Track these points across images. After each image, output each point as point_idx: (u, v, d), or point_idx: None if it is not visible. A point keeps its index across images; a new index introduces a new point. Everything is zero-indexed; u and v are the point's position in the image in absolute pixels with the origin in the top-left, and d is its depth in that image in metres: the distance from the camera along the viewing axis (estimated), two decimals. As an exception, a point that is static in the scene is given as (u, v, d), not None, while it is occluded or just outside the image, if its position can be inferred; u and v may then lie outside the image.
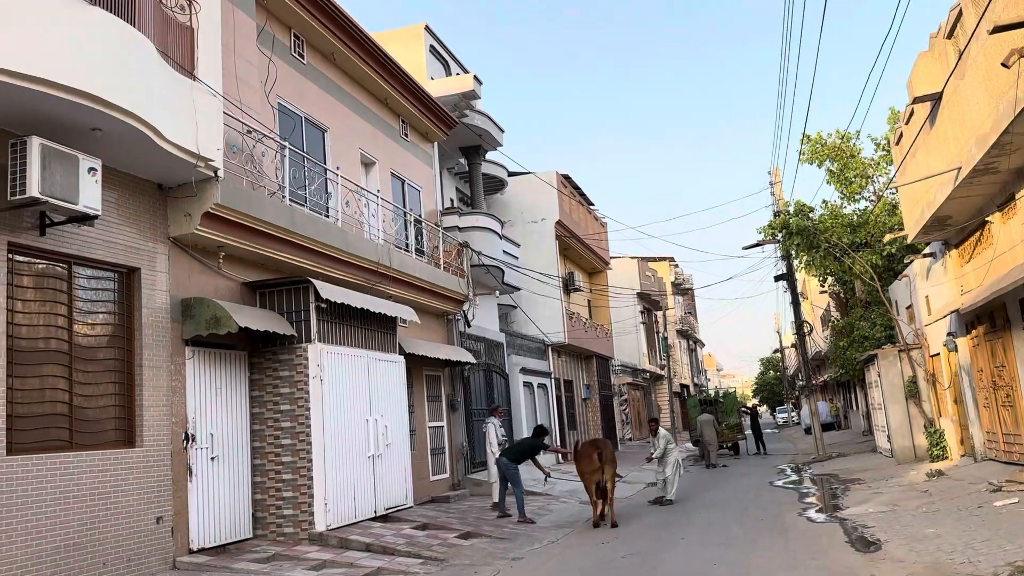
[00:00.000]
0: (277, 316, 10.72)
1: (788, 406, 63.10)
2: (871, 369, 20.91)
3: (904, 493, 13.01)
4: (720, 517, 12.49)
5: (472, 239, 18.63)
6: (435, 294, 16.27)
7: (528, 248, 26.29)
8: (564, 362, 28.77)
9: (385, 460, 12.11)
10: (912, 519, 10.32)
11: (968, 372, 14.55)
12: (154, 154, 8.68)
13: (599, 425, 31.61)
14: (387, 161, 15.98)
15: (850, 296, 24.17)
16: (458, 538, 11.17)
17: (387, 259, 13.71)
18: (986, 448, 14.19)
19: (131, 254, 9.05)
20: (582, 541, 11.18)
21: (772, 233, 21.94)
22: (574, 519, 13.55)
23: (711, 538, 10.53)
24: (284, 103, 12.53)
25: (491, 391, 19.82)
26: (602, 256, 34.04)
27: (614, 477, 12.38)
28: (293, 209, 11.30)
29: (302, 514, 10.39)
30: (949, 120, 11.50)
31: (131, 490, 8.62)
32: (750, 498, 14.92)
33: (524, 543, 11.07)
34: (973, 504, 10.55)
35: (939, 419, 17.55)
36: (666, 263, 60.09)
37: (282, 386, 10.69)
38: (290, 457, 10.52)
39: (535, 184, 26.52)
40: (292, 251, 11.26)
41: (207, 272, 10.18)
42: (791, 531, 10.57)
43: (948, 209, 12.70)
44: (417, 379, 16.01)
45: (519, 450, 13.74)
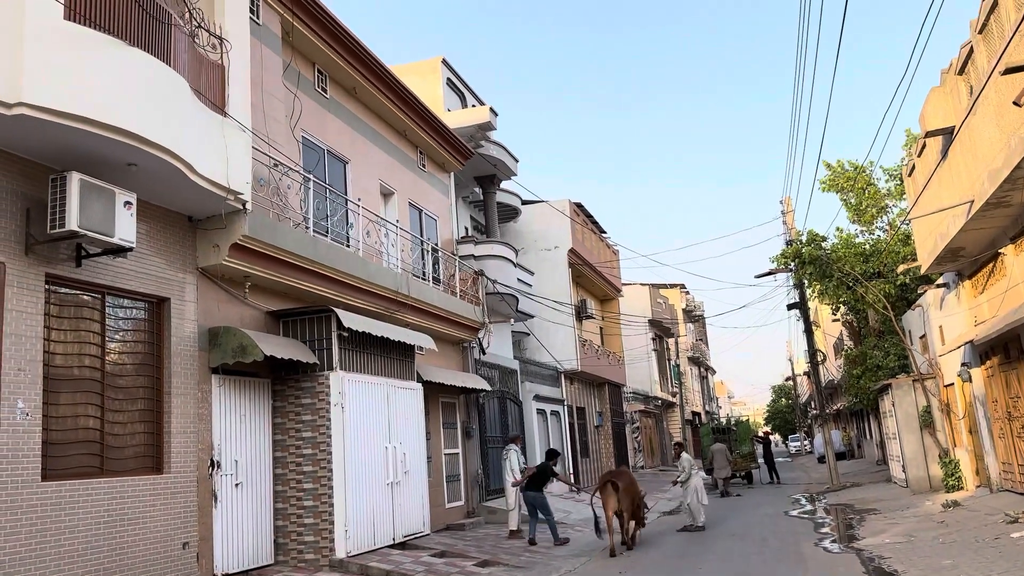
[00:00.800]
0: (300, 344, 10.93)
1: (800, 435, 62.70)
2: (885, 398, 20.92)
3: (920, 523, 13.02)
4: (738, 547, 12.52)
5: (487, 267, 18.86)
6: (451, 322, 16.46)
7: (541, 276, 26.49)
8: (577, 389, 28.84)
9: (403, 487, 12.24)
10: (929, 550, 10.35)
11: (983, 402, 14.59)
12: (186, 188, 8.94)
13: (611, 453, 31.58)
14: (405, 191, 16.27)
15: (863, 325, 24.23)
16: (476, 566, 11.25)
17: (406, 288, 13.93)
18: (1002, 479, 14.19)
19: (161, 284, 9.29)
20: (599, 570, 11.24)
21: (785, 262, 22.09)
22: (591, 548, 13.58)
23: (729, 568, 10.58)
24: (308, 136, 12.84)
25: (505, 418, 19.93)
26: (614, 283, 34.22)
27: (632, 507, 12.66)
28: (316, 240, 11.55)
29: (322, 540, 10.51)
30: (961, 154, 11.68)
31: (158, 516, 8.78)
32: (767, 528, 14.93)
33: (542, 572, 11.15)
34: (990, 535, 10.58)
35: (954, 449, 17.54)
36: (677, 290, 60.16)
37: (304, 413, 10.86)
38: (311, 484, 10.67)
39: (548, 212, 26.80)
40: (315, 280, 11.49)
41: (233, 302, 10.41)
42: (809, 562, 10.61)
43: (961, 241, 12.84)
44: (433, 406, 16.15)
45: (539, 477, 14.03)
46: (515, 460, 15.28)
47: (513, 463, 15.20)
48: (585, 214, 30.61)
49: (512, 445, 15.77)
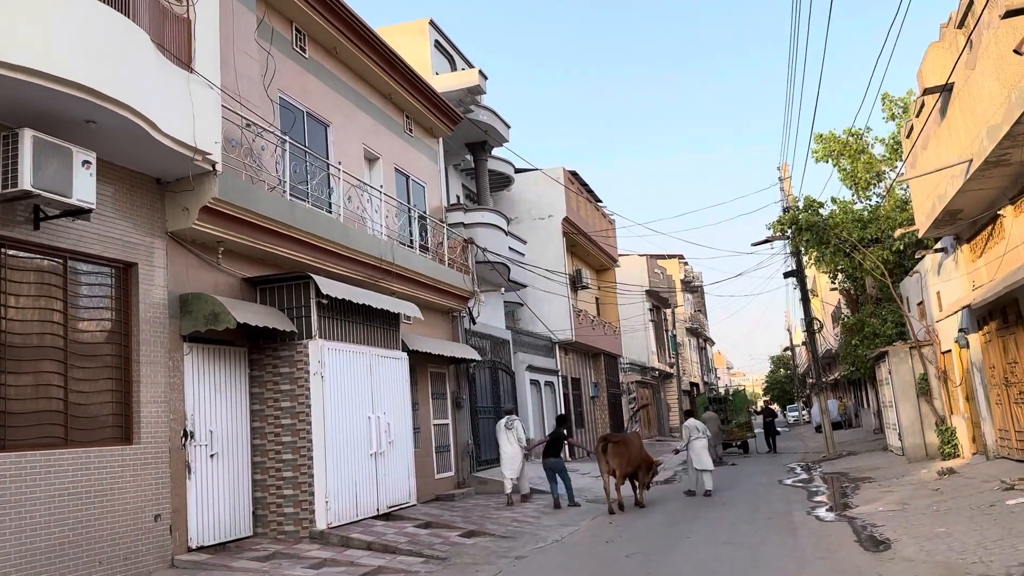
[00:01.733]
0: (277, 312, 10.61)
1: (798, 404, 62.70)
2: (882, 366, 20.67)
3: (915, 491, 12.80)
4: (729, 515, 12.31)
5: (477, 235, 18.50)
6: (440, 291, 16.14)
7: (535, 245, 26.13)
8: (572, 360, 28.61)
9: (388, 458, 11.99)
10: (923, 518, 10.12)
11: (980, 369, 14.32)
12: (150, 147, 8.57)
13: (607, 423, 31.43)
14: (391, 157, 15.85)
15: (860, 293, 23.91)
16: (461, 536, 11.04)
17: (390, 255, 13.59)
18: (998, 446, 13.95)
19: (128, 249, 8.94)
20: (586, 540, 11.03)
21: (782, 229, 21.72)
22: (581, 516, 13.39)
23: (719, 536, 10.36)
24: (286, 98, 12.41)
25: (497, 389, 19.68)
26: (610, 253, 33.84)
27: (623, 466, 13.37)
28: (294, 204, 11.18)
29: (303, 512, 10.27)
30: (960, 111, 11.28)
31: (128, 488, 8.51)
32: (759, 496, 14.73)
33: (528, 542, 10.93)
34: (985, 503, 10.34)
35: (950, 417, 17.31)
36: (675, 260, 59.79)
37: (282, 383, 10.58)
38: (291, 455, 10.41)
39: (542, 181, 26.37)
40: (293, 246, 11.14)
41: (206, 268, 10.07)
42: (800, 530, 10.38)
43: (959, 203, 12.47)
44: (422, 376, 15.89)
45: (555, 444, 14.94)
46: (520, 429, 15.51)
47: (520, 432, 15.39)
48: (580, 182, 30.14)
49: (514, 416, 15.92)
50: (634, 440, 14.39)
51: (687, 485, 16.06)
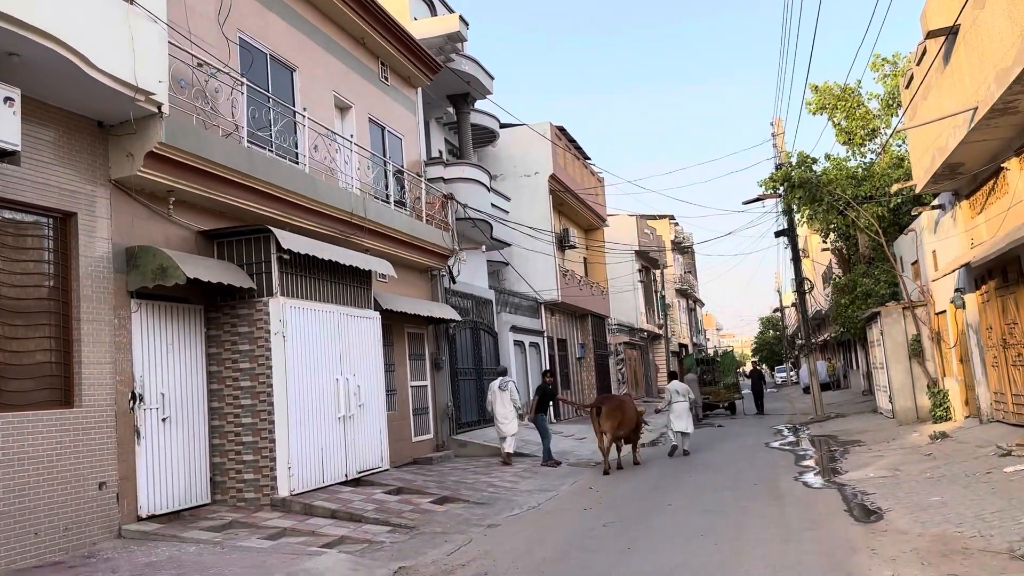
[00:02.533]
0: (234, 267, 9.93)
1: (787, 365, 62.63)
2: (873, 327, 20.19)
3: (906, 456, 12.36)
4: (712, 480, 11.85)
5: (458, 191, 17.77)
6: (417, 248, 15.46)
7: (520, 203, 25.41)
8: (558, 321, 28.07)
9: (357, 421, 11.43)
10: (916, 485, 9.65)
11: (976, 330, 13.81)
12: (85, 85, 7.82)
13: (594, 384, 31.04)
14: (364, 106, 15.04)
15: (853, 252, 23.35)
16: (433, 503, 10.53)
17: (362, 209, 12.88)
18: (993, 409, 13.50)
19: (66, 197, 8.23)
20: (564, 506, 10.55)
21: (773, 186, 21.05)
22: (562, 480, 12.94)
23: (700, 504, 9.88)
24: (246, 38, 11.58)
25: (479, 350, 19.13)
26: (598, 212, 33.12)
27: (615, 428, 13.57)
28: (252, 152, 10.44)
29: (263, 478, 9.72)
30: (966, 55, 10.57)
31: (68, 454, 7.92)
32: (744, 460, 14.30)
33: (503, 508, 10.44)
34: (981, 469, 9.88)
35: (943, 379, 16.87)
36: (666, 221, 59.10)
37: (241, 343, 9.94)
38: (250, 418, 9.82)
39: (528, 136, 25.54)
40: (252, 198, 10.42)
41: (156, 219, 9.37)
42: (786, 497, 9.91)
43: (961, 155, 11.82)
44: (398, 337, 15.29)
45: (542, 401, 15.33)
46: (515, 391, 15.47)
47: (514, 395, 15.35)
48: (568, 138, 29.31)
49: (508, 377, 15.88)
50: (628, 402, 14.67)
51: (670, 446, 16.20)
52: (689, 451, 15.71)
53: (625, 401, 14.66)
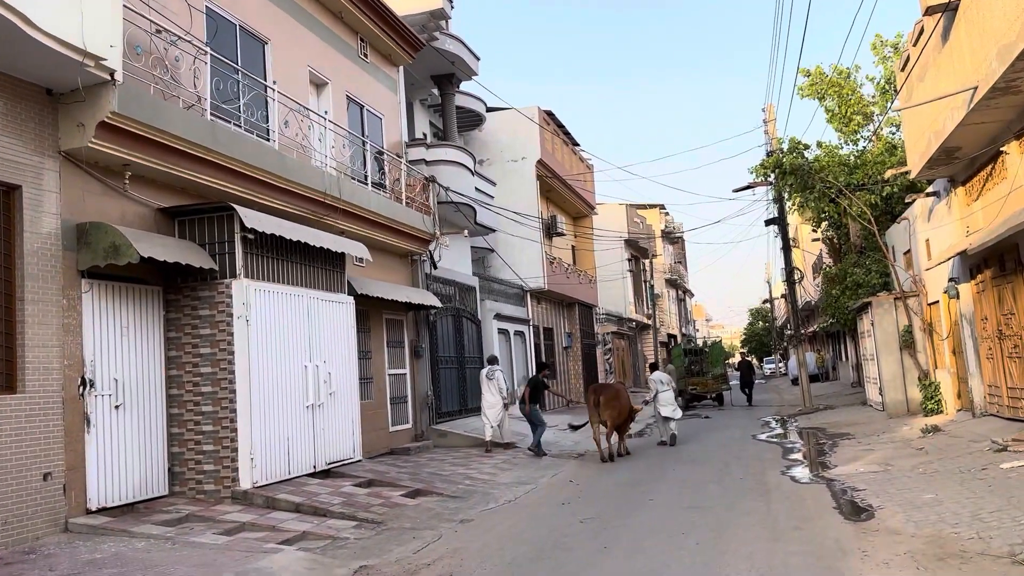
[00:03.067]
0: (194, 247, 9.40)
1: (775, 356, 62.45)
2: (864, 318, 19.82)
3: (897, 451, 11.97)
4: (697, 474, 11.43)
5: (440, 174, 17.23)
6: (396, 231, 14.94)
7: (507, 188, 24.88)
8: (544, 309, 27.61)
9: (327, 410, 10.94)
10: (908, 481, 9.24)
11: (970, 321, 13.41)
12: (29, 48, 7.27)
13: (580, 374, 30.61)
14: (342, 83, 14.48)
15: (844, 241, 22.95)
16: (405, 496, 10.06)
17: (336, 189, 12.35)
18: (987, 403, 13.12)
19: (10, 168, 7.69)
20: (542, 500, 10.10)
21: (764, 173, 20.56)
22: (542, 472, 12.50)
23: (684, 499, 9.45)
24: (214, 7, 11.01)
25: (461, 337, 18.65)
26: (587, 200, 32.63)
27: (614, 418, 13.51)
28: (216, 126, 9.88)
29: (224, 470, 9.23)
30: (966, 32, 10.10)
31: (9, 442, 7.40)
32: (731, 453, 13.89)
33: (478, 502, 9.98)
34: (976, 465, 9.48)
35: (935, 371, 16.51)
36: (656, 210, 58.66)
37: (202, 326, 9.42)
38: (211, 406, 9.31)
39: (516, 121, 24.99)
40: (217, 174, 9.89)
41: (111, 194, 8.82)
42: (773, 493, 9.49)
43: (958, 138, 11.38)
44: (376, 323, 14.80)
45: (534, 391, 15.05)
46: (502, 380, 15.35)
47: (501, 383, 15.25)
48: (556, 123, 28.77)
49: (496, 367, 15.63)
50: (622, 391, 14.59)
51: (660, 437, 16.06)
52: (676, 436, 15.69)
53: (620, 390, 14.57)
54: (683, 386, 28.32)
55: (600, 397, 13.60)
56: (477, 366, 19.60)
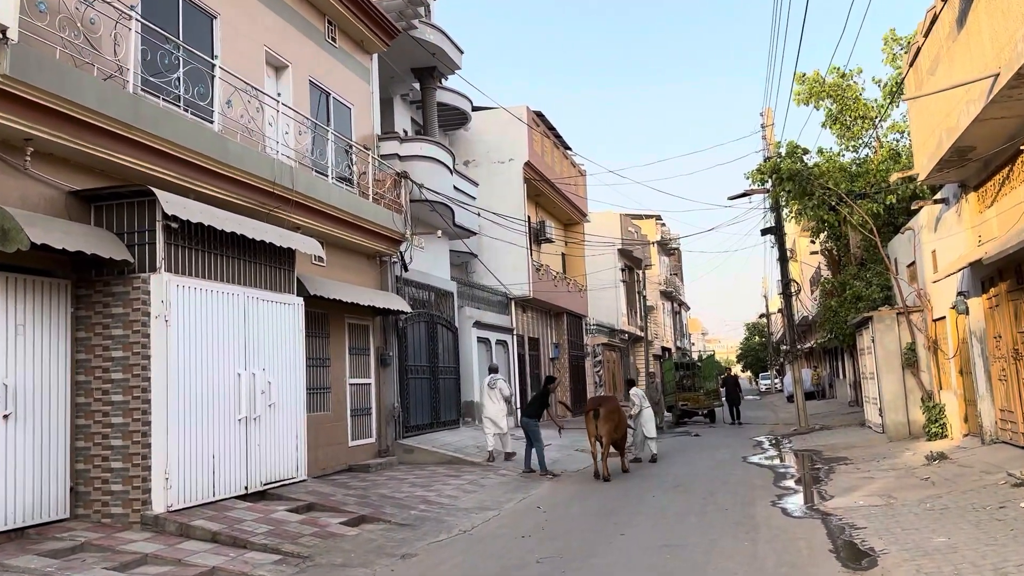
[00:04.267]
0: (108, 235, 8.28)
1: (771, 372, 61.29)
2: (864, 334, 18.70)
3: (900, 480, 10.83)
4: (678, 503, 10.28)
5: (414, 170, 16.12)
6: (362, 229, 13.83)
7: (493, 191, 23.81)
8: (530, 318, 26.48)
9: (265, 424, 9.78)
10: (915, 519, 8.10)
11: (981, 338, 12.30)
12: None
13: (568, 387, 29.46)
14: (305, 67, 13.39)
15: (844, 253, 21.86)
16: (345, 524, 8.90)
17: (289, 180, 11.23)
18: (998, 428, 11.99)
19: None
20: (501, 531, 8.94)
21: (761, 178, 19.49)
22: (508, 497, 11.35)
23: (659, 534, 8.30)
24: (150, -27, 9.91)
25: (435, 345, 17.50)
26: (579, 206, 31.55)
27: (611, 432, 13.00)
28: (139, 100, 8.76)
29: (134, 490, 8.07)
30: (986, 13, 9.03)
31: None
32: (718, 477, 12.74)
33: (429, 532, 8.83)
34: (992, 502, 8.34)
35: (939, 392, 15.38)
36: (652, 221, 57.67)
37: (114, 326, 8.28)
38: (122, 418, 8.17)
39: (504, 121, 23.92)
40: (143, 156, 8.77)
41: (9, 173, 7.70)
42: (761, 529, 8.33)
43: (973, 136, 10.29)
44: (337, 328, 13.66)
45: (536, 405, 14.12)
46: (505, 387, 14.96)
47: (505, 391, 14.88)
48: (546, 125, 27.70)
49: (498, 376, 15.26)
50: (617, 404, 14.05)
51: (635, 453, 15.38)
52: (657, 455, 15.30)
53: (615, 403, 14.00)
54: (673, 401, 27.26)
55: (599, 410, 12.99)
56: (452, 377, 18.49)
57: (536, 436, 13.73)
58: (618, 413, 13.59)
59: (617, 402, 14.48)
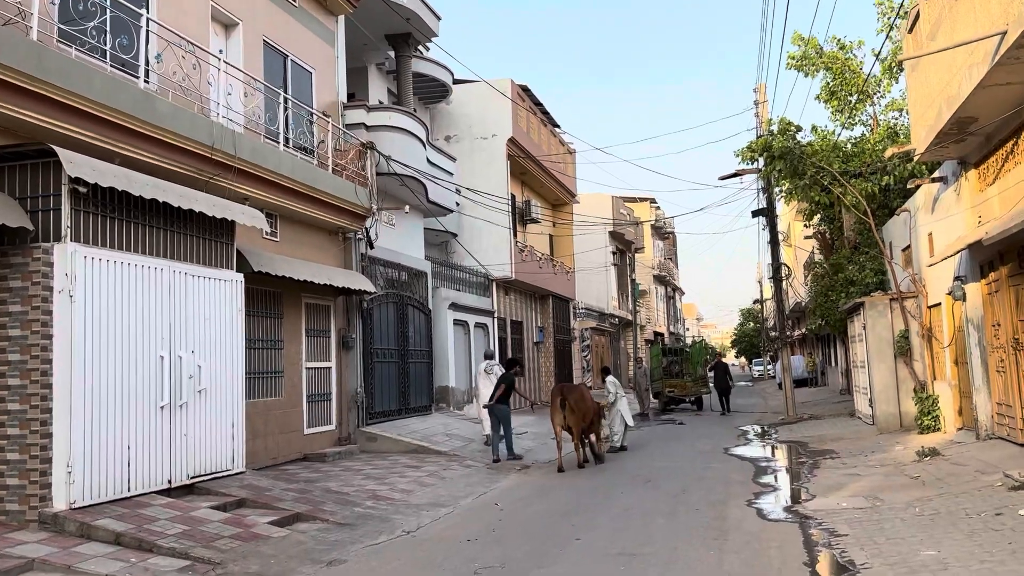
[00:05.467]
0: (2, 199, 7.38)
1: (765, 359, 60.58)
2: (855, 320, 17.87)
3: (889, 478, 10.02)
4: (647, 501, 9.46)
5: (382, 141, 15.18)
6: (320, 202, 12.95)
7: (475, 168, 22.87)
8: (513, 301, 25.61)
9: (193, 411, 8.92)
10: (901, 526, 7.29)
11: (979, 327, 11.46)
12: None
13: (552, 372, 28.66)
14: (258, 25, 12.44)
15: (837, 236, 20.98)
16: (274, 523, 8.07)
17: (231, 145, 10.31)
18: (995, 423, 11.18)
19: None
20: (448, 532, 8.13)
21: (751, 156, 18.54)
22: (468, 491, 10.55)
23: (620, 539, 7.48)
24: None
25: (404, 328, 16.64)
26: (567, 186, 30.57)
27: (581, 423, 12.48)
28: (43, 50, 7.82)
29: (32, 485, 7.24)
30: (995, -35, 8.11)
31: None
32: (695, 472, 11.93)
33: (367, 533, 8.02)
34: (987, 507, 7.52)
35: (933, 383, 14.57)
36: (647, 204, 56.75)
37: (12, 302, 7.41)
38: (19, 404, 7.31)
39: (487, 95, 22.89)
40: (51, 112, 7.86)
41: None
42: (731, 535, 7.51)
43: (976, 105, 9.39)
44: (292, 308, 12.80)
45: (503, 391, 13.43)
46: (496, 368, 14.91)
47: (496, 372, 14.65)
48: (533, 100, 26.68)
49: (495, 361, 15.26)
50: (587, 392, 13.49)
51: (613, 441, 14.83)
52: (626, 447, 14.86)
53: (586, 392, 13.44)
54: (660, 388, 26.48)
55: (566, 399, 12.40)
56: (424, 361, 17.66)
57: (507, 420, 13.31)
58: (586, 401, 12.92)
59: (584, 390, 13.75)
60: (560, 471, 12.10)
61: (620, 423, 14.95)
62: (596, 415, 13.46)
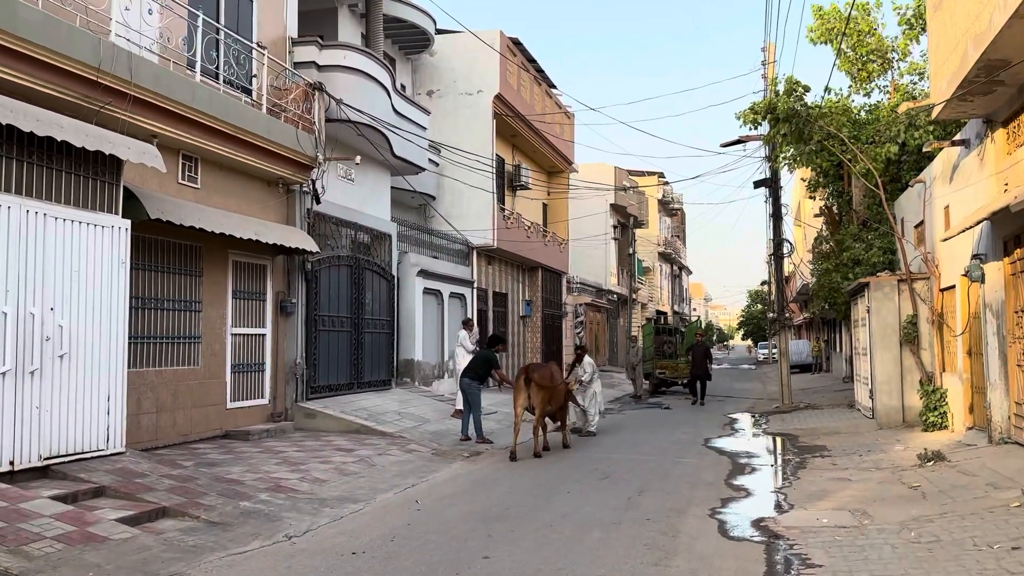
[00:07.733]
0: None
1: (770, 342, 58.94)
2: (859, 303, 16.25)
3: (883, 487, 8.51)
4: (591, 506, 7.97)
5: (335, 83, 13.56)
6: (252, 146, 11.42)
7: (459, 126, 21.30)
8: (496, 271, 24.07)
9: (51, 380, 7.47)
10: (891, 556, 5.78)
11: (998, 313, 9.85)
12: None
13: (539, 348, 27.18)
14: (181, -60, 10.82)
15: (845, 212, 19.29)
16: (123, 521, 6.62)
17: (125, 69, 8.77)
18: (1011, 425, 9.61)
19: None
20: (335, 540, 6.66)
21: (755, 119, 16.78)
22: (394, 484, 9.11)
23: (538, 559, 6.00)
24: None
25: (360, 295, 15.14)
26: (564, 152, 28.83)
27: (545, 405, 11.39)
28: None
29: None
30: None
31: None
32: (663, 466, 10.45)
33: (241, 536, 6.59)
34: (1002, 538, 5.99)
35: (941, 375, 12.99)
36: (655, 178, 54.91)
37: None
38: None
39: (475, 48, 21.16)
40: None
41: None
42: (677, 558, 6.01)
43: (1008, 43, 7.75)
44: (215, 265, 11.33)
45: (479, 367, 12.61)
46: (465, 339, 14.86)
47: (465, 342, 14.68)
48: (525, 56, 24.89)
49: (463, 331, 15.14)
50: (557, 372, 12.21)
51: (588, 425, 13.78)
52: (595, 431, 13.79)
53: (555, 372, 12.13)
54: (650, 369, 24.99)
55: (531, 379, 11.24)
56: (384, 332, 16.21)
57: (476, 402, 12.39)
58: (552, 381, 11.62)
59: (555, 369, 12.39)
60: (513, 459, 10.77)
61: (594, 406, 13.80)
62: (565, 397, 12.25)
